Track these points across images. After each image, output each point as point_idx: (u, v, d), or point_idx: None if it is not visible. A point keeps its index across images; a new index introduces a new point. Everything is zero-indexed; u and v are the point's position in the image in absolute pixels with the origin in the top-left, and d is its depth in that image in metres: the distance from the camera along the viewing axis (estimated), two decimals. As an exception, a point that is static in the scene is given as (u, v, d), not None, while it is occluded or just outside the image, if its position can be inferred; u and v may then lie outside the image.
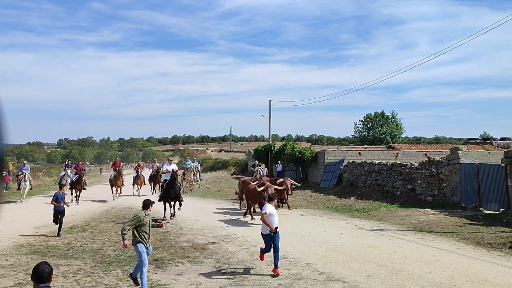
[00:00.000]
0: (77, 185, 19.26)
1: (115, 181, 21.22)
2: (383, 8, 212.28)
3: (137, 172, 23.10)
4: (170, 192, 14.28)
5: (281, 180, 15.74)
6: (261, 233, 8.09)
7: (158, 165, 24.78)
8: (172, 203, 14.47)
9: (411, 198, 16.69)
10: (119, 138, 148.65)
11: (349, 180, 21.31)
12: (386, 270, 7.78)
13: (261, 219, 8.06)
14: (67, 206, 12.34)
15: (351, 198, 18.62)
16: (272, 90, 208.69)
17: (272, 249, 7.88)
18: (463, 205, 14.65)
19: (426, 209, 14.24)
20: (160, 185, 15.17)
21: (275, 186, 14.22)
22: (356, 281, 7.19)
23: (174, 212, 14.41)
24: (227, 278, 7.75)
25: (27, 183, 19.53)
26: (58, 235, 11.82)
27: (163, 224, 7.61)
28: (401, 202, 16.43)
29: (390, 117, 51.75)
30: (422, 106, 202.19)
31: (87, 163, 50.83)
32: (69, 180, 20.76)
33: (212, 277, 7.88)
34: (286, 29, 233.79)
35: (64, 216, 12.11)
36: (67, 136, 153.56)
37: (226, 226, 12.89)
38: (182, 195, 14.94)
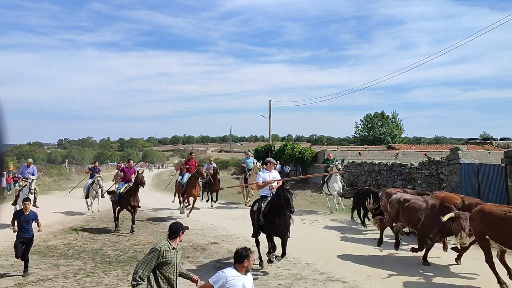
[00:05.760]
0: (132, 199, 12.07)
1: (189, 190, 14.21)
2: (383, 9, 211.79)
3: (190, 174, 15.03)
4: (277, 224, 7.89)
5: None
6: None
7: (215, 165, 18.65)
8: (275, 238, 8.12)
9: (411, 198, 16.66)
10: (119, 138, 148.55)
11: (349, 180, 21.30)
12: (387, 270, 7.78)
13: None
14: (39, 228, 8.55)
15: (351, 198, 18.58)
16: (272, 90, 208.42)
17: None
18: (463, 205, 14.64)
19: (426, 209, 14.21)
20: (255, 211, 8.45)
21: None
22: (356, 281, 7.20)
23: (284, 251, 8.01)
24: (227, 278, 7.73)
25: (31, 196, 11.98)
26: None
27: (198, 280, 4.95)
28: (401, 202, 16.39)
29: (391, 117, 51.83)
30: (422, 106, 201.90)
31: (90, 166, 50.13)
32: (99, 191, 15.63)
33: (212, 277, 7.87)
34: (286, 29, 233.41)
35: (31, 246, 8.46)
36: (67, 136, 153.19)
37: (226, 226, 12.87)
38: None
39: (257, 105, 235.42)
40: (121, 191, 12.47)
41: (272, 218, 7.88)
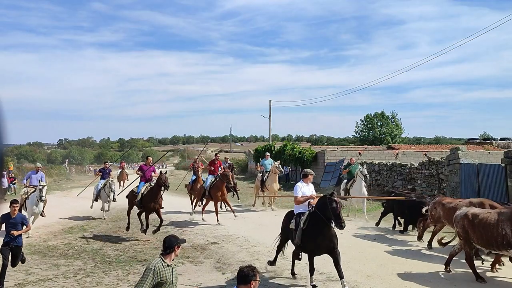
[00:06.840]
0: (152, 203, 10.92)
1: (214, 193, 12.86)
2: (383, 9, 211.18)
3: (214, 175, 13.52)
4: (320, 241, 6.87)
5: None
6: None
7: (230, 162, 17.15)
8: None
9: (411, 198, 16.65)
10: (119, 138, 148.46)
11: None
12: (386, 270, 7.78)
13: None
14: (27, 229, 7.74)
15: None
16: (272, 90, 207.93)
17: None
18: (463, 205, 14.63)
19: (426, 209, 14.20)
20: (293, 229, 7.33)
21: None
22: (356, 281, 7.19)
23: (340, 272, 6.76)
24: (227, 278, 7.74)
25: (41, 205, 11.53)
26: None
27: None
28: (401, 202, 16.36)
29: (390, 117, 51.85)
30: (422, 106, 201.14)
31: (90, 167, 50.31)
32: (111, 196, 14.34)
33: (212, 277, 7.87)
34: (286, 29, 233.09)
35: (19, 256, 7.59)
36: (67, 136, 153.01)
37: (226, 226, 12.86)
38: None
39: (257, 105, 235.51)
40: (142, 192, 11.21)
41: (315, 236, 6.72)
